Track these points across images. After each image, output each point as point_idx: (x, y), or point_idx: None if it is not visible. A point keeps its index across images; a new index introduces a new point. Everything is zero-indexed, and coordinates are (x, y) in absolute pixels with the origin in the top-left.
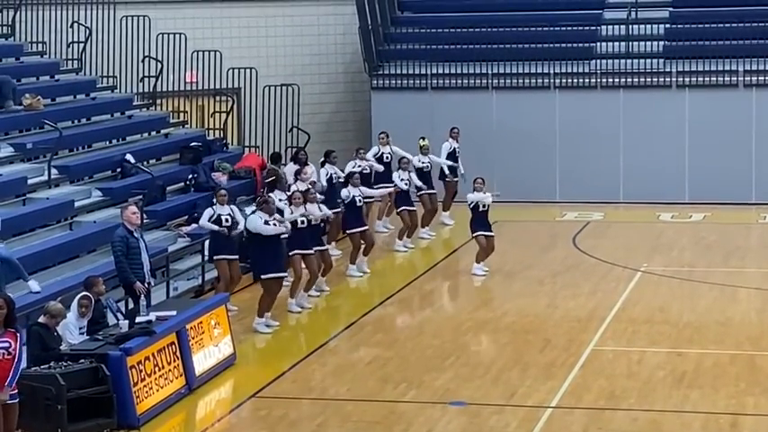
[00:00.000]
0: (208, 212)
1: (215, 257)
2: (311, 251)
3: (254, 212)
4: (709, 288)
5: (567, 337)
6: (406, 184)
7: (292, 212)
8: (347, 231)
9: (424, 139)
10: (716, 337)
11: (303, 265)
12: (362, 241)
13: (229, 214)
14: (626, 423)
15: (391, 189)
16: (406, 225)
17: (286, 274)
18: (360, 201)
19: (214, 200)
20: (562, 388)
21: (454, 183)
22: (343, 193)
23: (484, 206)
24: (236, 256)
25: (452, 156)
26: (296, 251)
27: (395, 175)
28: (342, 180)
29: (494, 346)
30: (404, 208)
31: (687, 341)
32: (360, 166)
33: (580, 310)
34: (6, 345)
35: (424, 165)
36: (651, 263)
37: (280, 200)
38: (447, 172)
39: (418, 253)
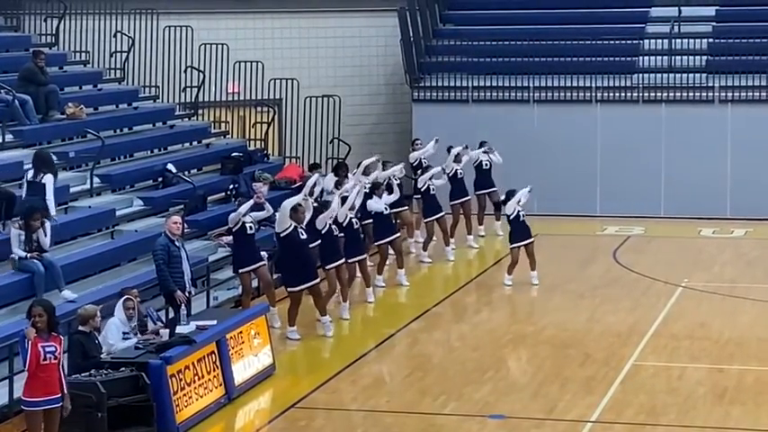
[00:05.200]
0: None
1: (239, 270)
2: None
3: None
4: (751, 304)
5: (608, 352)
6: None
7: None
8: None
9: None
10: (757, 354)
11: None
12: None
13: (252, 221)
14: None
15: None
16: (444, 232)
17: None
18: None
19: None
20: (602, 403)
21: (483, 197)
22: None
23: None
24: (263, 262)
25: (479, 167)
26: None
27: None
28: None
29: (533, 359)
30: (430, 218)
31: (728, 357)
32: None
33: (620, 324)
34: (53, 349)
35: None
36: (692, 278)
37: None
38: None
39: (458, 264)
